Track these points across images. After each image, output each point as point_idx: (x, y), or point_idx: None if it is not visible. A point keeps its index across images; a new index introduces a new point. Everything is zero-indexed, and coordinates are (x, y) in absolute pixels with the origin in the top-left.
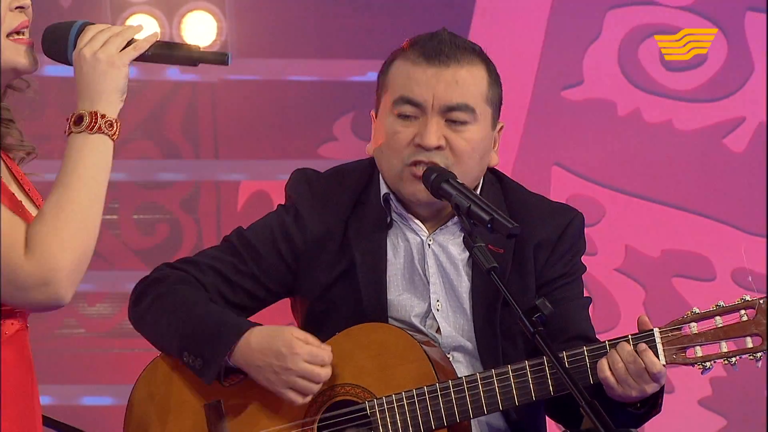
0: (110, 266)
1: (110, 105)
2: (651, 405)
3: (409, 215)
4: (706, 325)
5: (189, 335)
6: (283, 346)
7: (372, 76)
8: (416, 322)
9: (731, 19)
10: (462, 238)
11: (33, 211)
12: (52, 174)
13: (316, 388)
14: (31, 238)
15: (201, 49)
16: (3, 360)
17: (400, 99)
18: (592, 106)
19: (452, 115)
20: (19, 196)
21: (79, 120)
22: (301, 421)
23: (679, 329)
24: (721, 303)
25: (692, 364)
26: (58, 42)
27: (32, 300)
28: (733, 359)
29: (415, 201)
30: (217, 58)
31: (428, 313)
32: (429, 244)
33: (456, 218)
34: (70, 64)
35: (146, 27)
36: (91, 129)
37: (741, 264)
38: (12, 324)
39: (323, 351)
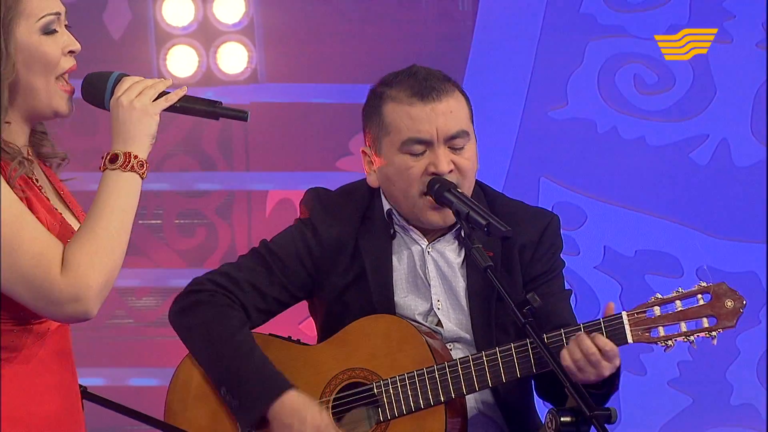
0: (155, 264)
1: (142, 147)
2: (609, 385)
3: (410, 227)
4: (668, 308)
5: (231, 378)
6: (311, 422)
7: None
8: (420, 319)
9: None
10: (456, 244)
11: (73, 221)
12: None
13: None
14: (67, 258)
15: (223, 105)
16: (46, 351)
17: (408, 140)
18: (574, 124)
19: (454, 142)
20: (59, 206)
21: (114, 159)
22: (317, 402)
23: (644, 312)
24: (681, 289)
25: (656, 343)
26: (97, 89)
27: (64, 313)
28: (692, 337)
29: (435, 227)
30: (237, 114)
31: (430, 311)
32: (429, 252)
33: (451, 231)
34: (105, 109)
35: (184, 57)
36: (125, 167)
37: (704, 263)
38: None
39: None
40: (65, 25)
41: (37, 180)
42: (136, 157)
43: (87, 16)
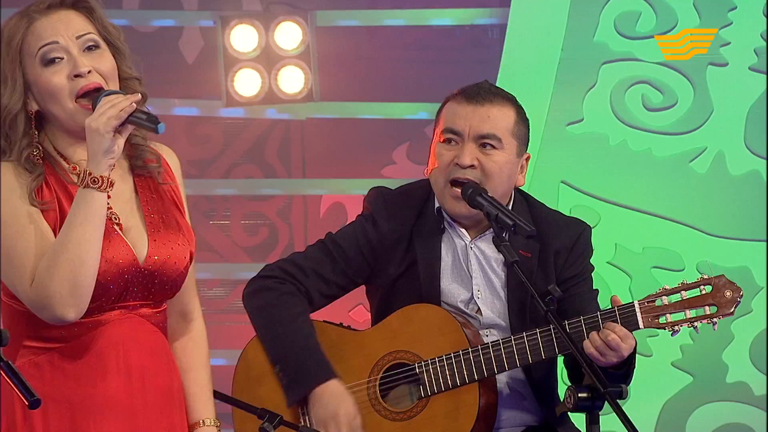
0: (224, 260)
1: (97, 165)
2: (629, 364)
3: (456, 224)
4: (674, 298)
5: (286, 358)
6: (344, 410)
7: (422, 115)
8: (462, 306)
9: (696, 72)
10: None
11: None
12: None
13: None
14: (35, 272)
15: (155, 118)
16: (106, 340)
17: (446, 129)
18: (589, 137)
19: (483, 141)
20: (123, 212)
21: (79, 177)
22: (366, 380)
23: (653, 301)
24: (685, 281)
25: (664, 328)
26: (95, 103)
27: (43, 317)
28: (695, 323)
29: (455, 215)
30: (150, 126)
31: (471, 299)
32: (471, 247)
33: (492, 229)
34: None
35: (249, 79)
36: (83, 185)
37: (702, 258)
38: (113, 313)
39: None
40: (87, 48)
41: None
42: (90, 174)
43: (165, 44)
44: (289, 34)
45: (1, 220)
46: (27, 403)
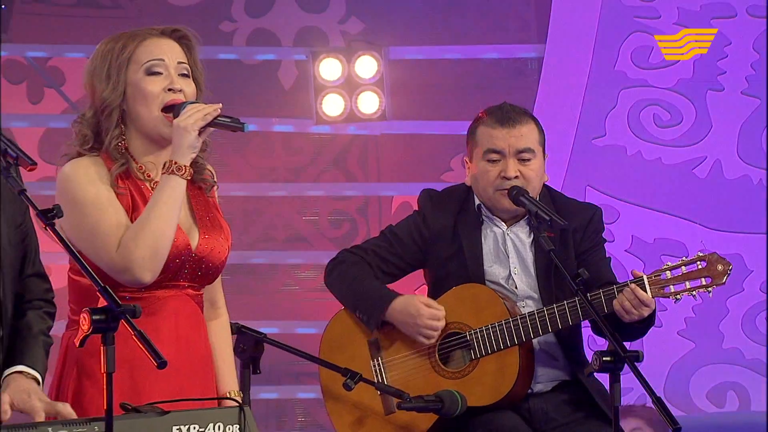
0: (314, 248)
1: (182, 156)
2: (647, 323)
3: (494, 216)
4: (676, 272)
5: (359, 300)
6: (413, 309)
7: None
8: (503, 282)
9: (698, 95)
10: (527, 229)
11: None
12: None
13: (435, 334)
14: (121, 239)
15: (240, 121)
16: (164, 312)
17: (488, 150)
18: (610, 149)
19: (522, 155)
20: (187, 220)
21: (165, 165)
22: (427, 347)
23: (659, 275)
24: (685, 258)
25: (668, 297)
26: (176, 114)
27: (123, 279)
28: (694, 292)
29: (501, 210)
30: (236, 126)
31: (509, 276)
32: (508, 234)
33: (524, 218)
34: None
35: (334, 102)
36: (168, 171)
37: (702, 247)
38: (167, 291)
39: (439, 311)
40: (182, 74)
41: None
42: (176, 163)
43: (266, 74)
44: (367, 66)
45: (88, 201)
46: (156, 364)
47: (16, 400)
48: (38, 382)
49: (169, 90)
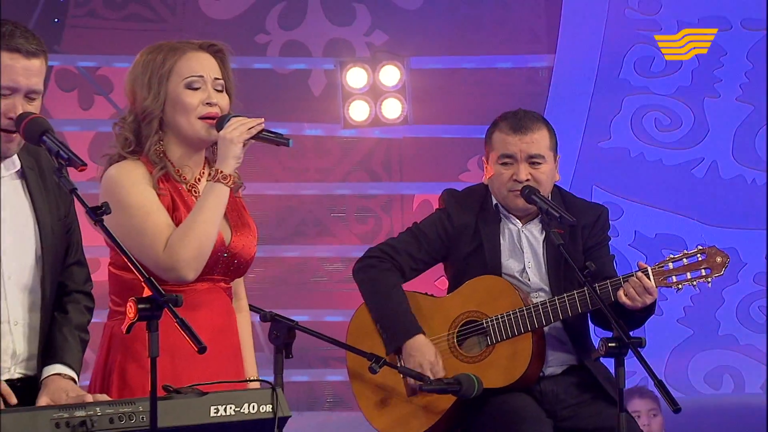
0: (341, 243)
1: (228, 166)
2: (648, 312)
3: (510, 215)
4: (678, 263)
5: (385, 320)
6: (430, 355)
7: None
8: (518, 275)
9: (696, 102)
10: (540, 227)
11: (227, 232)
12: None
13: (439, 373)
14: (168, 240)
15: (284, 137)
16: (199, 303)
17: (502, 155)
18: (615, 151)
19: (533, 160)
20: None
21: (211, 174)
22: (446, 334)
23: (662, 267)
24: (685, 251)
25: (670, 287)
26: (220, 126)
27: (168, 277)
28: (694, 283)
29: (515, 208)
30: (282, 142)
31: (524, 269)
32: (522, 231)
33: (537, 217)
34: None
35: (360, 108)
36: (214, 179)
37: (701, 242)
38: (203, 284)
39: (441, 371)
40: (218, 89)
41: (192, 188)
42: (221, 172)
43: (297, 82)
44: (390, 74)
45: (134, 203)
46: (197, 349)
47: (54, 400)
48: (75, 381)
49: (207, 104)
